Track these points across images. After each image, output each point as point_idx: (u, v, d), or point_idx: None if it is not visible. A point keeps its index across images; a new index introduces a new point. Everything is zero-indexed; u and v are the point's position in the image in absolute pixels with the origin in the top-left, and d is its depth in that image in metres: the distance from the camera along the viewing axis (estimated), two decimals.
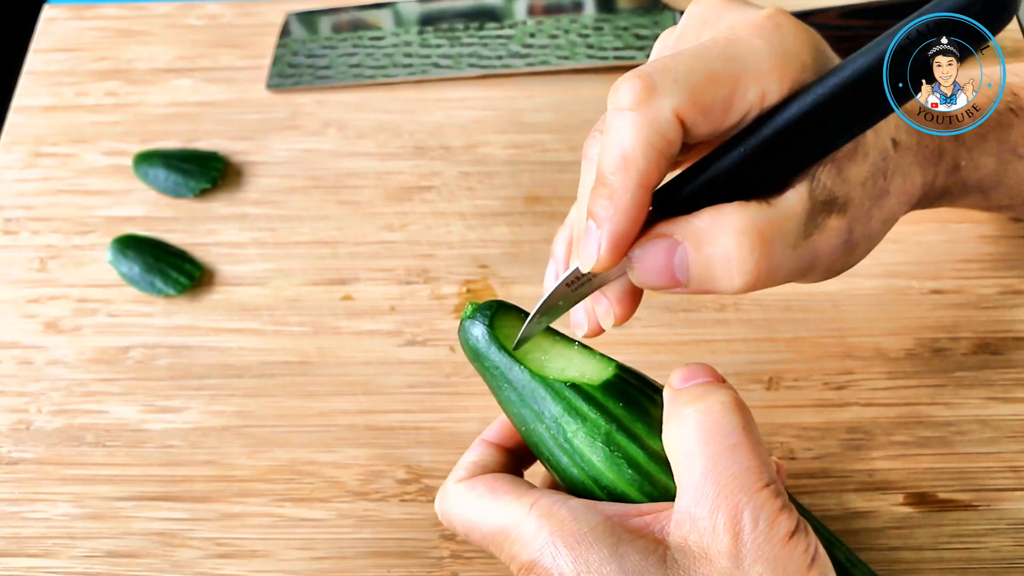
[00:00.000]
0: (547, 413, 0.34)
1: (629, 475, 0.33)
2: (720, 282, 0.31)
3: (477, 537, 0.33)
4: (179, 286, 0.51)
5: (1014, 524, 0.42)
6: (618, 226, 0.30)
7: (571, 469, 0.34)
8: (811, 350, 0.47)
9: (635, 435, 0.33)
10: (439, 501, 0.35)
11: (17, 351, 0.50)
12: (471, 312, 0.36)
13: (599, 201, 0.31)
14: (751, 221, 0.30)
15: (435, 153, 0.55)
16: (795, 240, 0.31)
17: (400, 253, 0.52)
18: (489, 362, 0.35)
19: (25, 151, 0.57)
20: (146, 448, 0.46)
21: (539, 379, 0.34)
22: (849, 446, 0.44)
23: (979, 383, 0.46)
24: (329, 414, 0.47)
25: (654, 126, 0.30)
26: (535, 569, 0.31)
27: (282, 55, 0.60)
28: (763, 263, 0.31)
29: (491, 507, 0.33)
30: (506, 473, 0.35)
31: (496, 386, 0.35)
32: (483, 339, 0.35)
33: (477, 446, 0.36)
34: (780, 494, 0.30)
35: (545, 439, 0.34)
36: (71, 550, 0.44)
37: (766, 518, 0.29)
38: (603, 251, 0.31)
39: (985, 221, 0.50)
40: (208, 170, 0.54)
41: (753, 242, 0.30)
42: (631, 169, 0.30)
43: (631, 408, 0.33)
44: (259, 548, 0.43)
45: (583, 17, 0.60)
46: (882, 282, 0.49)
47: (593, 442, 0.33)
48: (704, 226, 0.31)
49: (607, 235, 0.31)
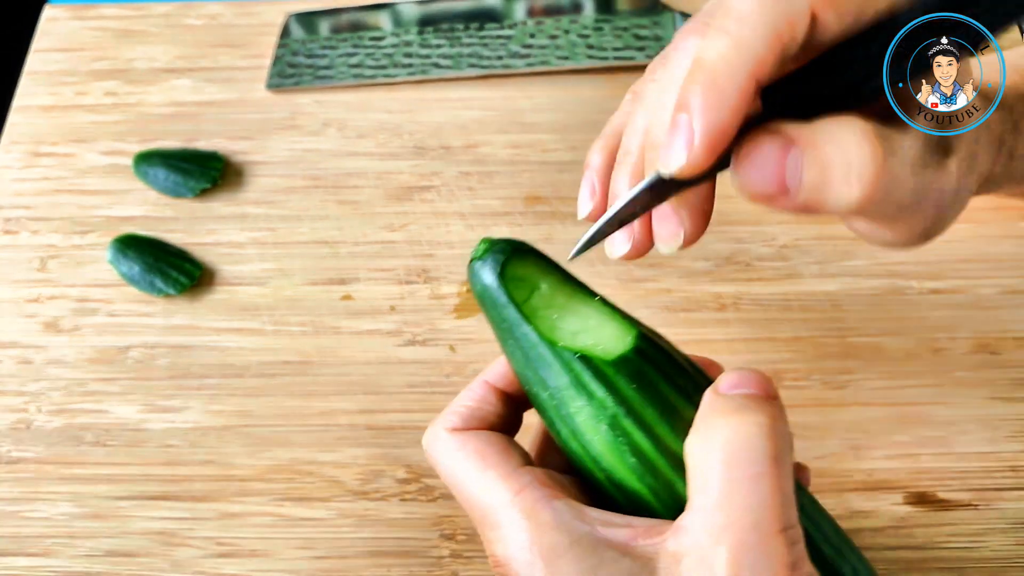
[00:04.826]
0: (552, 382, 0.31)
1: (632, 463, 0.30)
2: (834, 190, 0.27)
3: (455, 494, 0.32)
4: (179, 286, 0.51)
5: (1014, 523, 0.42)
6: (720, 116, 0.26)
7: (571, 443, 0.31)
8: (811, 350, 0.47)
9: (644, 422, 0.30)
10: (427, 438, 0.33)
11: (17, 351, 0.50)
12: (483, 252, 0.32)
13: (696, 88, 0.26)
14: (875, 129, 0.27)
15: (435, 153, 0.55)
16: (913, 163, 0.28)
17: (400, 253, 0.52)
18: (496, 314, 0.32)
19: (25, 151, 0.57)
20: (146, 448, 0.46)
21: (547, 343, 0.31)
22: (849, 446, 0.44)
23: (979, 383, 0.46)
24: (329, 414, 0.47)
25: (785, 12, 0.26)
26: (508, 568, 0.29)
27: (282, 55, 0.60)
28: (883, 173, 0.27)
29: (476, 478, 0.31)
30: (500, 431, 0.33)
31: (502, 338, 0.32)
32: (492, 287, 0.32)
33: (477, 387, 0.34)
34: (795, 543, 0.27)
35: (547, 408, 0.31)
36: (71, 549, 0.44)
37: (771, 570, 0.26)
38: (698, 146, 0.26)
39: (985, 221, 0.50)
40: (208, 170, 0.54)
41: (875, 148, 0.26)
42: (747, 52, 0.26)
43: (645, 391, 0.30)
44: (259, 547, 0.43)
45: (583, 17, 0.60)
46: (882, 282, 0.49)
47: (597, 423, 0.30)
48: (825, 126, 0.27)
49: (705, 127, 0.26)
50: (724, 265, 0.50)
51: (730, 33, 0.26)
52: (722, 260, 0.50)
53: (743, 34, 0.26)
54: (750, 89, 0.26)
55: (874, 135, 0.27)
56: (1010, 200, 0.50)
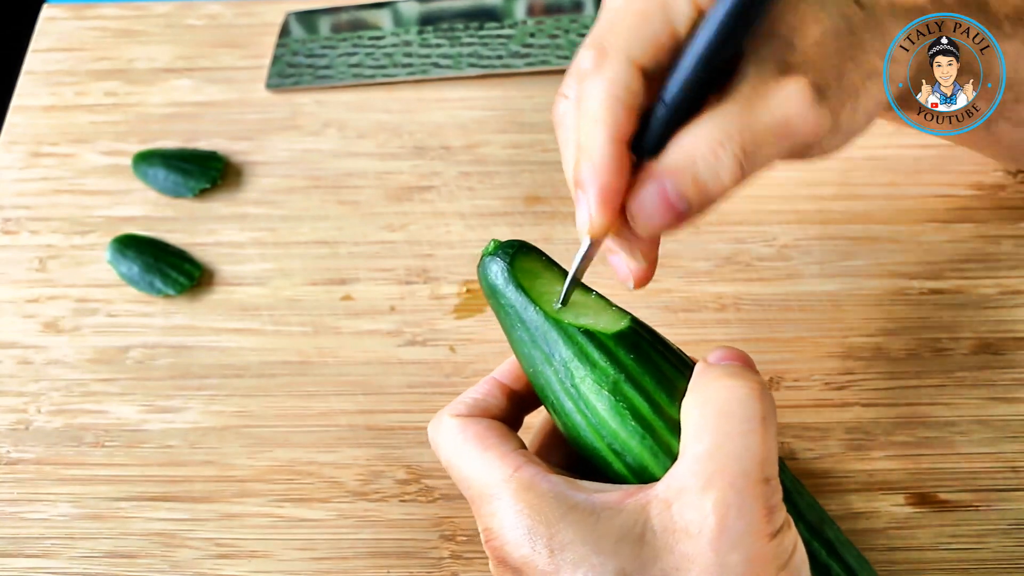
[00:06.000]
0: (557, 356, 0.34)
1: (632, 427, 0.33)
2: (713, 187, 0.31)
3: (455, 477, 0.34)
4: (179, 286, 0.50)
5: (1015, 524, 0.42)
6: (602, 183, 0.31)
7: (575, 415, 0.34)
8: (811, 350, 0.47)
9: (643, 387, 0.33)
10: (432, 425, 0.35)
11: (17, 351, 0.50)
12: (493, 248, 0.36)
13: (580, 167, 0.32)
14: (714, 127, 0.31)
15: (435, 153, 0.55)
16: (757, 114, 0.31)
17: (400, 253, 0.52)
18: (505, 300, 0.35)
19: (24, 151, 0.57)
20: (145, 448, 0.46)
21: (552, 321, 0.34)
22: (850, 446, 0.44)
23: (980, 383, 0.46)
24: (329, 414, 0.47)
25: (614, 80, 0.31)
26: (503, 540, 0.31)
27: (282, 55, 0.60)
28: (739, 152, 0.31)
29: (476, 458, 0.33)
30: (502, 422, 0.35)
31: (509, 324, 0.35)
32: (501, 276, 0.35)
33: (484, 383, 0.37)
34: (776, 492, 0.30)
35: (552, 382, 0.34)
36: (70, 551, 0.44)
37: (754, 510, 0.29)
38: (595, 212, 0.31)
39: (985, 221, 0.50)
40: (208, 170, 0.54)
41: (720, 140, 0.31)
42: (600, 127, 0.31)
43: (642, 361, 0.33)
44: (258, 548, 0.43)
45: (583, 17, 0.60)
46: (882, 282, 0.49)
47: (600, 389, 0.33)
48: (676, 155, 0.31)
49: (594, 196, 0.31)
50: (724, 265, 0.50)
51: (587, 117, 0.32)
52: (722, 260, 0.50)
53: (595, 114, 0.31)
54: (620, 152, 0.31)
55: (716, 131, 0.31)
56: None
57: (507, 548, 0.31)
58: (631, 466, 0.33)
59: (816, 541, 0.34)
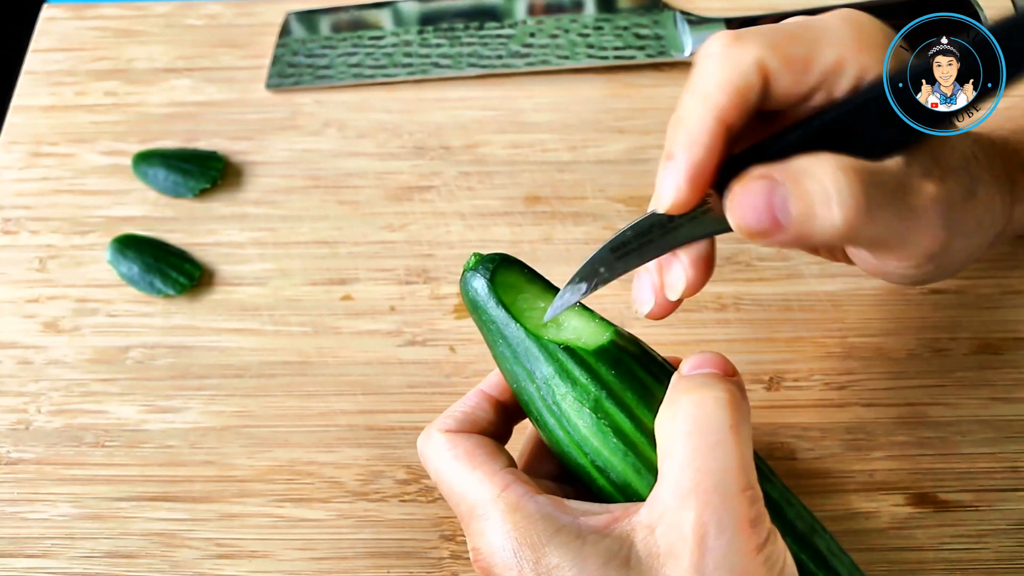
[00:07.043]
0: (538, 373, 0.34)
1: (614, 444, 0.32)
2: (819, 218, 0.30)
3: (444, 493, 0.34)
4: (179, 286, 0.50)
5: (1015, 524, 0.42)
6: (695, 157, 0.31)
7: (557, 432, 0.33)
8: (812, 350, 0.47)
9: (624, 404, 0.33)
10: (422, 439, 0.35)
11: (17, 351, 0.50)
12: (474, 263, 0.35)
13: (676, 135, 0.31)
14: (849, 161, 0.31)
15: (435, 153, 0.55)
16: (892, 189, 0.31)
17: (400, 253, 0.52)
18: (487, 315, 0.35)
19: (24, 151, 0.57)
20: (145, 448, 0.46)
21: (533, 338, 0.34)
22: (850, 446, 0.44)
23: (980, 383, 0.46)
24: (329, 414, 0.47)
25: (737, 66, 0.31)
26: (491, 560, 0.31)
27: (282, 55, 0.60)
28: (862, 198, 0.30)
29: (464, 475, 0.33)
30: (491, 437, 0.35)
31: (491, 340, 0.35)
32: (482, 292, 0.35)
33: (472, 396, 0.36)
34: (756, 501, 0.30)
35: (535, 399, 0.34)
36: (70, 551, 0.44)
37: (735, 526, 0.29)
38: (681, 183, 0.31)
39: None
40: (208, 170, 0.54)
41: (851, 177, 0.30)
42: (709, 101, 0.31)
43: (623, 377, 0.33)
44: (258, 548, 0.43)
45: (583, 17, 0.60)
46: (883, 282, 0.49)
47: (581, 407, 0.33)
48: (802, 164, 0.31)
49: (685, 166, 0.31)
50: (724, 265, 0.50)
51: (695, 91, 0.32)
52: (722, 260, 0.50)
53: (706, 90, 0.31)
54: (718, 131, 0.31)
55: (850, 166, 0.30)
56: None
57: (494, 569, 0.31)
58: (615, 483, 0.33)
59: (804, 553, 0.33)
